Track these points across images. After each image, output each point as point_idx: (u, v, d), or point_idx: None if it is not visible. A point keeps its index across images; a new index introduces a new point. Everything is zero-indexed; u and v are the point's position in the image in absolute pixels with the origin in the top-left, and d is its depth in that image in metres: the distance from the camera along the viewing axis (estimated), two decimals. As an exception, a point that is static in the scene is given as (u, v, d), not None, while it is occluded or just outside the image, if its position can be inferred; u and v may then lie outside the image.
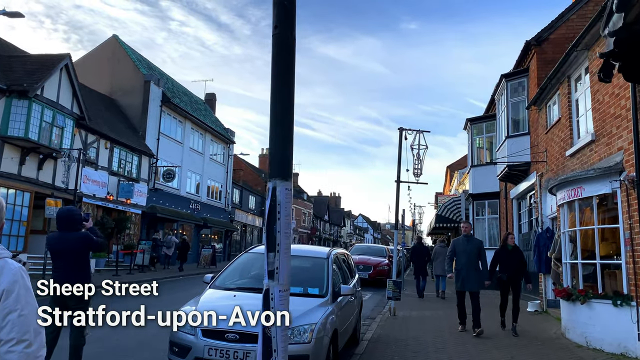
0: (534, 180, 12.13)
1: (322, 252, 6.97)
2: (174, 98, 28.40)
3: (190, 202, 30.07)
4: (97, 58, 27.60)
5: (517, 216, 14.87)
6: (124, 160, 23.27)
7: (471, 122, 18.30)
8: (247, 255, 7.02)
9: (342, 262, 7.79)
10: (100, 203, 21.25)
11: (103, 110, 23.91)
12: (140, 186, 24.04)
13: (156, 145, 26.33)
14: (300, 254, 7.02)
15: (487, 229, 17.73)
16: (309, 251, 7.40)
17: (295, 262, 7.00)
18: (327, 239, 68.68)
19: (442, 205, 23.45)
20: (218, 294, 6.03)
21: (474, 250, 8.63)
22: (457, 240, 9.06)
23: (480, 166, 18.05)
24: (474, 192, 17.87)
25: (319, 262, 6.70)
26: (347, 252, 8.60)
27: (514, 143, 12.97)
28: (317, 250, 7.26)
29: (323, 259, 6.70)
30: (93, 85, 25.95)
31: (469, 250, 8.61)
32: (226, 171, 35.90)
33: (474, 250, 8.63)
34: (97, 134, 20.83)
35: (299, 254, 7.00)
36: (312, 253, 7.13)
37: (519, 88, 13.22)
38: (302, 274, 6.62)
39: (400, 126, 11.21)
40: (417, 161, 11.34)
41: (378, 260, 18.42)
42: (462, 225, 9.36)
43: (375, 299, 14.64)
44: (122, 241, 23.14)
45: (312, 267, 6.74)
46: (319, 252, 7.03)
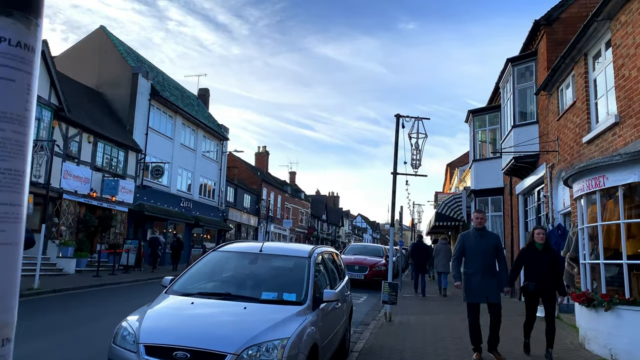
0: (544, 173, 11.09)
1: (303, 251, 5.93)
2: (163, 92, 27.34)
3: (181, 200, 29.01)
4: (83, 50, 26.55)
5: (523, 213, 13.84)
6: (109, 155, 22.20)
7: (473, 113, 17.27)
8: (215, 254, 5.99)
9: (329, 263, 6.75)
10: (83, 200, 20.19)
11: (87, 103, 22.86)
12: (126, 183, 22.98)
13: (144, 141, 25.27)
14: (276, 252, 5.99)
15: (490, 227, 16.67)
16: (288, 249, 6.35)
17: (271, 262, 5.98)
18: (325, 238, 67.62)
19: (442, 203, 22.41)
20: (173, 301, 4.98)
21: (490, 249, 6.55)
22: (466, 235, 6.81)
23: (483, 160, 17.02)
24: (476, 188, 16.83)
25: (299, 263, 5.67)
26: (335, 251, 7.52)
27: (521, 133, 11.93)
28: (298, 249, 6.22)
29: (304, 259, 5.66)
30: (79, 78, 24.92)
31: (484, 249, 6.52)
32: (219, 169, 34.84)
33: (490, 249, 6.56)
34: (79, 127, 19.77)
35: (276, 252, 5.98)
36: (291, 252, 6.09)
37: (526, 73, 12.19)
38: (277, 277, 5.59)
39: (397, 113, 10.10)
40: (416, 151, 10.29)
41: (374, 261, 17.37)
42: (474, 216, 6.89)
43: (371, 302, 13.61)
44: (107, 240, 22.10)
45: (291, 269, 5.71)
46: (300, 251, 6.00)
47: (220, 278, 5.63)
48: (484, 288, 6.49)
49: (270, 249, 6.00)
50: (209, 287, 5.41)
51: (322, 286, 5.86)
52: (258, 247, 5.89)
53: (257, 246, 5.95)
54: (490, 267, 6.54)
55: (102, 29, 26.79)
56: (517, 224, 14.15)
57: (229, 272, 5.76)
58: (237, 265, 5.85)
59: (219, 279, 5.62)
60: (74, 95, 21.97)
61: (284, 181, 56.63)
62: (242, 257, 5.94)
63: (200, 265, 5.83)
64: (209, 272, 5.73)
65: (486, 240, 6.62)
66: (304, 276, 5.39)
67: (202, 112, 34.07)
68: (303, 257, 5.74)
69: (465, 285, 6.66)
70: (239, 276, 5.63)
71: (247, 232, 41.43)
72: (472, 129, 17.51)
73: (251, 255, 5.86)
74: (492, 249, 6.59)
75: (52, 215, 18.66)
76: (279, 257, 5.85)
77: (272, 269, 5.69)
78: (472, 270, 6.57)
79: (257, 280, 5.48)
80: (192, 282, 5.51)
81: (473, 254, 6.57)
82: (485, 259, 6.53)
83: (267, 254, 5.81)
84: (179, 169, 29.24)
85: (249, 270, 5.71)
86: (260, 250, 5.84)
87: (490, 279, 6.51)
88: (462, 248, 6.71)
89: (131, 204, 23.58)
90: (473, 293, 6.58)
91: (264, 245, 5.96)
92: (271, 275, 5.59)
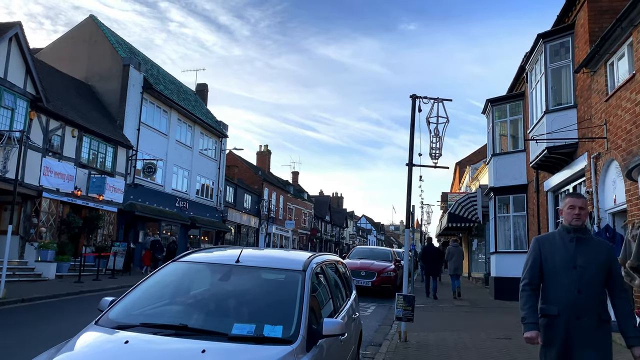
0: (585, 165, 9.43)
1: (295, 262, 4.31)
2: (157, 85, 25.79)
3: (176, 200, 27.44)
4: (72, 41, 25.05)
5: (553, 213, 12.16)
6: (96, 151, 20.64)
7: (492, 103, 15.60)
8: (176, 266, 4.35)
9: (331, 275, 5.13)
10: (66, 199, 18.63)
11: (74, 95, 21.33)
12: (115, 181, 21.43)
13: (136, 136, 23.72)
14: (259, 263, 4.34)
15: (511, 229, 15.01)
16: (276, 259, 4.68)
17: (251, 278, 4.37)
18: (329, 240, 66.00)
19: (455, 203, 20.73)
20: (98, 340, 3.35)
21: (596, 266, 3.26)
22: (547, 239, 3.45)
23: (504, 154, 15.34)
24: (496, 185, 15.15)
25: (290, 279, 4.05)
26: (339, 258, 5.87)
27: (555, 119, 10.27)
28: (289, 259, 4.60)
29: (296, 274, 4.03)
30: (68, 70, 23.44)
31: (586, 265, 3.26)
32: (218, 167, 33.26)
33: (598, 266, 3.27)
34: (62, 119, 18.21)
35: (258, 263, 4.32)
36: (279, 263, 4.44)
37: (560, 50, 10.52)
38: (257, 301, 3.94)
39: (413, 93, 8.46)
40: (435, 138, 8.66)
41: (383, 266, 15.72)
42: (568, 204, 3.41)
43: (380, 314, 11.96)
44: (94, 242, 20.54)
45: (277, 288, 4.08)
46: (291, 262, 4.37)
47: (177, 300, 4.01)
48: (583, 345, 3.20)
49: (250, 259, 4.38)
50: (158, 314, 3.79)
51: (326, 309, 4.25)
52: (234, 257, 4.26)
53: (232, 255, 4.32)
54: (596, 303, 3.25)
55: (92, 18, 25.27)
56: (545, 225, 12.48)
57: (190, 292, 4.14)
58: (202, 282, 4.24)
59: (175, 302, 4.00)
60: (59, 87, 20.47)
61: (286, 181, 55.04)
62: (210, 270, 4.32)
63: (153, 281, 4.21)
64: (164, 292, 4.11)
65: (590, 251, 3.30)
66: (295, 299, 3.77)
67: (199, 107, 32.53)
68: (295, 270, 4.11)
69: (545, 335, 3.30)
70: (203, 299, 4.01)
71: (247, 234, 39.85)
72: (490, 120, 15.84)
73: (223, 268, 4.23)
74: (601, 268, 3.28)
75: (30, 216, 17.12)
76: (262, 270, 4.22)
77: (250, 288, 4.06)
78: (560, 308, 3.26)
79: (228, 305, 3.86)
80: (138, 305, 3.88)
81: (561, 274, 3.29)
82: (588, 285, 3.23)
83: (245, 267, 4.18)
84: (175, 167, 27.68)
85: (217, 289, 4.09)
86: (236, 260, 4.22)
87: (596, 329, 3.23)
88: (538, 263, 3.40)
89: (121, 203, 22.03)
90: (561, 347, 3.23)
91: (242, 253, 4.33)
92: (249, 298, 3.96)
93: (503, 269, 14.77)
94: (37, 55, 24.62)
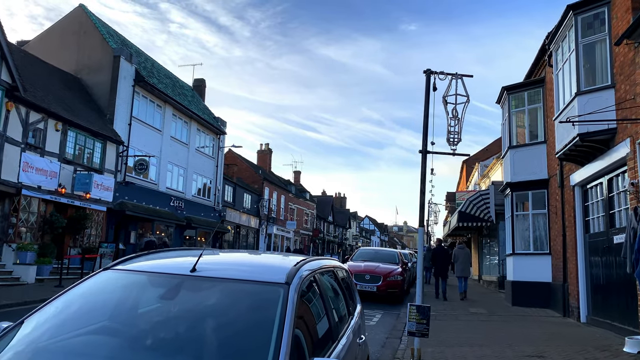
0: (626, 153, 8.10)
1: (277, 270, 3.02)
2: (150, 78, 24.56)
3: (171, 199, 26.19)
4: (61, 32, 23.85)
5: (581, 209, 10.83)
6: (83, 146, 19.40)
7: (508, 91, 14.27)
8: (105, 277, 3.06)
9: (330, 288, 3.84)
10: (49, 197, 17.38)
11: (60, 87, 20.11)
12: (104, 178, 20.19)
13: (127, 131, 22.49)
14: (224, 273, 3.02)
15: (530, 228, 13.68)
16: (250, 267, 3.34)
17: (210, 295, 3.07)
18: (331, 241, 64.72)
19: (466, 201, 19.40)
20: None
21: None
22: None
23: (522, 147, 14.01)
24: (513, 180, 13.82)
25: (266, 297, 2.75)
26: (339, 264, 4.55)
27: (589, 101, 8.95)
28: (269, 266, 3.32)
29: (276, 288, 2.74)
30: (56, 62, 22.25)
31: None
32: (216, 165, 32.02)
33: None
34: (44, 111, 16.98)
35: (222, 274, 2.99)
36: (253, 272, 3.09)
37: (594, 23, 9.20)
38: (216, 329, 2.65)
39: (427, 68, 7.17)
40: (454, 121, 7.36)
41: (389, 269, 14.40)
42: None
43: (387, 323, 10.65)
44: (81, 243, 19.31)
45: (247, 311, 2.77)
46: (272, 270, 3.09)
47: (96, 329, 2.71)
48: None
49: (213, 266, 3.08)
50: (65, 351, 2.52)
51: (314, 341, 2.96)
52: (189, 265, 2.97)
53: (187, 263, 3.02)
54: None
55: (81, 8, 24.05)
56: (572, 223, 11.14)
57: (119, 316, 2.85)
58: (138, 301, 2.95)
59: (93, 331, 2.70)
60: (43, 78, 19.26)
61: (287, 180, 53.78)
62: (152, 283, 3.02)
63: (70, 298, 2.93)
64: (81, 315, 2.82)
65: None
66: (272, 327, 2.48)
67: (196, 103, 31.30)
68: (275, 283, 2.81)
69: None
70: (134, 327, 2.72)
71: (246, 234, 38.58)
72: (506, 110, 14.51)
73: (171, 281, 2.93)
74: None
75: (8, 215, 15.87)
76: (228, 283, 2.90)
77: (207, 311, 2.77)
78: None
79: (170, 337, 2.58)
80: (43, 337, 2.61)
81: None
82: None
83: (203, 278, 2.89)
84: (169, 164, 26.43)
85: (158, 313, 2.80)
86: (192, 269, 2.93)
87: None
88: None
89: (110, 202, 20.79)
90: None
91: (201, 259, 3.04)
92: (203, 325, 2.67)
93: (522, 273, 13.44)
94: (25, 47, 23.45)
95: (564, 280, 11.70)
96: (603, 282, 9.64)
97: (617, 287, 8.85)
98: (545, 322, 10.80)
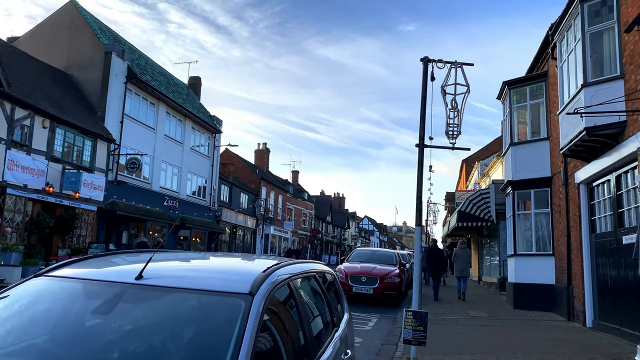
0: (637, 148, 7.59)
1: (240, 276, 2.52)
2: (143, 75, 24.04)
3: (165, 199, 25.67)
4: (52, 28, 23.34)
5: (587, 208, 10.32)
6: (72, 144, 18.88)
7: (509, 86, 13.77)
8: (36, 286, 2.55)
9: (310, 296, 3.34)
10: (36, 196, 16.87)
11: (49, 84, 19.59)
12: (94, 177, 19.66)
13: (119, 130, 21.98)
14: (175, 281, 2.48)
15: (533, 228, 13.18)
16: (207, 273, 2.78)
17: (155, 308, 2.48)
18: (330, 241, 64.21)
19: (465, 201, 18.89)
20: None
21: None
22: None
23: (524, 144, 13.51)
24: (515, 178, 13.31)
25: (223, 311, 2.25)
26: (325, 268, 4.04)
27: (597, 93, 8.44)
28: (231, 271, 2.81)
29: (236, 300, 2.23)
30: (48, 59, 21.75)
31: None
32: (211, 164, 31.50)
33: None
34: (30, 108, 16.46)
35: (173, 281, 2.46)
36: (210, 279, 2.56)
37: (602, 10, 8.70)
38: (160, 353, 2.15)
39: (425, 55, 6.67)
40: (453, 112, 6.86)
41: (386, 270, 13.89)
42: None
43: (383, 328, 10.13)
44: (70, 244, 18.79)
45: (199, 329, 2.26)
46: (233, 276, 2.58)
47: (17, 352, 2.20)
48: None
49: (164, 273, 2.58)
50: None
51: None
52: (134, 271, 2.46)
53: (134, 269, 2.51)
54: None
55: (72, 3, 23.52)
56: (577, 223, 10.64)
57: (46, 333, 2.33)
58: (70, 315, 2.42)
59: (12, 354, 2.19)
60: (31, 74, 18.76)
61: (285, 180, 53.26)
62: (88, 293, 2.50)
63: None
64: (4, 332, 2.31)
65: None
66: (227, 349, 1.99)
67: (191, 101, 30.78)
68: (235, 294, 2.30)
69: None
70: (61, 350, 2.21)
71: (243, 235, 38.05)
72: (507, 106, 14.01)
73: (112, 290, 2.42)
74: None
75: (-8, 214, 15.36)
76: (178, 294, 2.38)
77: (150, 329, 2.25)
78: None
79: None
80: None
81: None
82: None
83: (148, 287, 2.38)
84: (163, 163, 25.91)
85: (92, 331, 2.29)
86: (137, 276, 2.42)
87: None
88: None
89: (101, 201, 20.27)
90: None
91: (153, 264, 2.53)
92: (144, 347, 2.16)
93: (524, 274, 12.94)
94: (15, 43, 22.95)
95: (568, 283, 11.19)
96: (611, 285, 9.13)
97: (626, 290, 8.34)
98: (549, 327, 10.29)
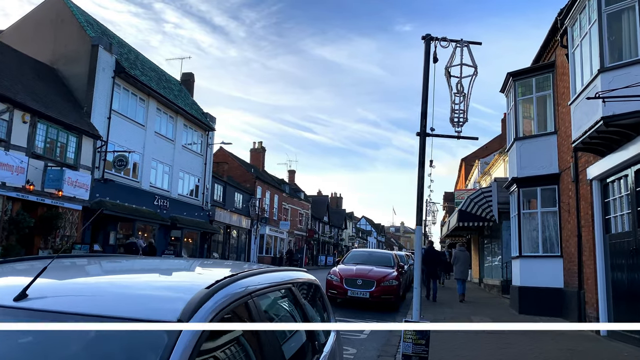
0: (662, 138, 6.82)
1: (173, 294, 1.73)
2: (132, 69, 23.22)
3: (155, 198, 24.84)
4: (37, 21, 22.49)
5: (600, 206, 9.56)
6: (55, 140, 18.04)
7: (514, 77, 13.02)
8: None
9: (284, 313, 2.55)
10: (15, 194, 16.03)
11: (32, 78, 18.76)
12: (79, 175, 18.82)
13: (106, 126, 21.14)
14: (71, 305, 1.65)
15: (539, 228, 12.42)
16: (125, 287, 1.96)
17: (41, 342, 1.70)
18: (327, 242, 63.41)
19: (466, 199, 18.12)
20: None
21: None
22: None
23: (529, 138, 12.75)
24: (520, 175, 12.55)
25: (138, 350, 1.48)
26: (309, 277, 3.25)
27: (615, 79, 7.68)
28: (162, 286, 2.03)
29: (156, 333, 1.46)
30: (33, 52, 20.91)
31: None
32: (204, 163, 30.67)
33: None
34: (9, 101, 15.63)
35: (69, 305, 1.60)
36: (125, 300, 1.70)
37: (621, -13, 7.94)
38: None
39: (427, 33, 5.87)
40: (459, 97, 6.08)
41: (383, 273, 13.10)
42: None
43: (380, 337, 9.33)
44: (53, 245, 17.95)
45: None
46: (162, 294, 1.80)
47: None
48: None
49: (58, 291, 1.77)
50: None
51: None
52: (16, 287, 1.66)
53: (14, 286, 1.71)
54: None
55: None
56: (589, 222, 9.87)
57: None
58: None
59: None
60: (11, 68, 17.94)
61: (281, 180, 52.44)
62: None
63: None
64: None
65: None
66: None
67: (183, 97, 29.95)
68: (157, 322, 1.51)
69: None
70: None
71: (237, 235, 37.21)
72: (512, 98, 13.25)
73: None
74: None
75: (-33, 214, 14.52)
76: (71, 322, 1.58)
77: None
78: None
79: None
80: None
81: None
82: None
83: (30, 312, 1.59)
84: (153, 161, 25.08)
85: None
86: (18, 296, 1.62)
87: None
88: None
89: (87, 200, 19.43)
90: None
91: (47, 276, 1.73)
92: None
93: (530, 277, 12.17)
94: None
95: (579, 287, 10.42)
96: (628, 289, 8.36)
97: (647, 296, 7.57)
98: (559, 335, 9.51)
